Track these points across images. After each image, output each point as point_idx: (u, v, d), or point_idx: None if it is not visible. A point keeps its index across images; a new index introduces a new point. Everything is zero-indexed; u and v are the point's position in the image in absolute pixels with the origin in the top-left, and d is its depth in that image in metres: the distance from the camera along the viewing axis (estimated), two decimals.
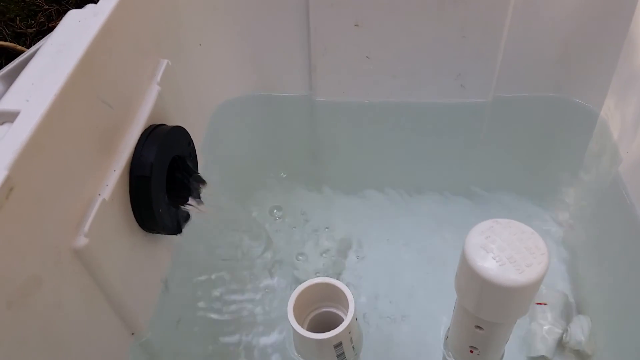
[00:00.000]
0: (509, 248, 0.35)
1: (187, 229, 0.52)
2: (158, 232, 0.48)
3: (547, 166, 0.74)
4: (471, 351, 0.43)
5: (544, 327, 0.65)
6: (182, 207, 0.50)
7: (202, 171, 0.56)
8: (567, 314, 0.67)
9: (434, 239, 0.73)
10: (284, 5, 0.65)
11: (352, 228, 0.74)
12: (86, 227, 0.38)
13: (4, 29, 1.01)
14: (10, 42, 0.98)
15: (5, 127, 0.35)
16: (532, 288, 0.34)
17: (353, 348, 0.45)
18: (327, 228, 0.72)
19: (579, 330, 0.64)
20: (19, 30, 1.02)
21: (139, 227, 0.47)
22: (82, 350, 0.39)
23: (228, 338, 0.59)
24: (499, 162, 0.76)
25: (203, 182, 0.52)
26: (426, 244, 0.73)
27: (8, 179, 0.31)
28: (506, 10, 0.62)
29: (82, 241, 0.38)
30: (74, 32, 0.41)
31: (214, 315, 0.58)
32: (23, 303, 0.32)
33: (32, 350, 0.33)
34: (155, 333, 0.51)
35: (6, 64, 0.93)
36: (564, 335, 0.64)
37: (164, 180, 0.47)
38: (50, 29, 1.03)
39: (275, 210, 0.71)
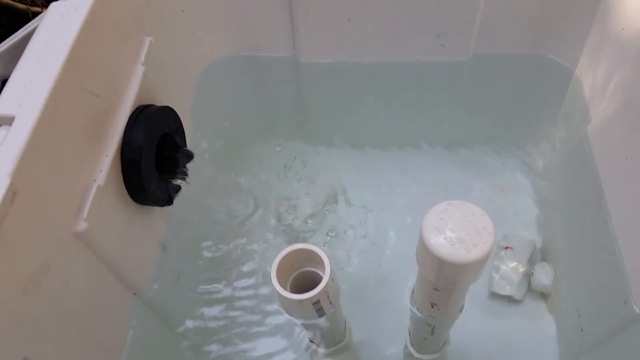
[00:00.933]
0: (459, 229, 0.39)
1: (179, 198, 0.57)
2: (151, 205, 0.53)
3: (524, 121, 0.77)
4: (432, 306, 0.48)
5: (510, 270, 0.71)
6: (172, 180, 0.54)
7: (191, 138, 0.60)
8: (533, 258, 0.73)
9: (414, 188, 0.79)
10: None
11: (339, 178, 0.79)
12: (85, 213, 0.43)
13: None
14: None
15: (2, 130, 0.39)
16: (478, 264, 0.39)
17: (330, 303, 0.51)
18: (313, 181, 0.77)
19: (543, 275, 0.71)
20: None
21: (134, 202, 0.51)
22: (91, 316, 0.46)
23: (228, 290, 0.66)
24: (479, 116, 0.79)
25: (191, 155, 0.56)
26: (408, 192, 0.78)
27: (11, 185, 0.35)
28: None
29: (82, 225, 0.43)
30: (58, 29, 0.44)
31: (209, 273, 0.65)
32: (36, 288, 0.38)
33: (48, 326, 0.39)
34: (155, 291, 0.57)
35: (8, 22, 0.94)
36: (531, 278, 0.71)
37: (153, 159, 0.51)
38: None
39: (262, 169, 0.76)
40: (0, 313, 0.34)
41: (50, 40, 0.43)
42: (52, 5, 0.46)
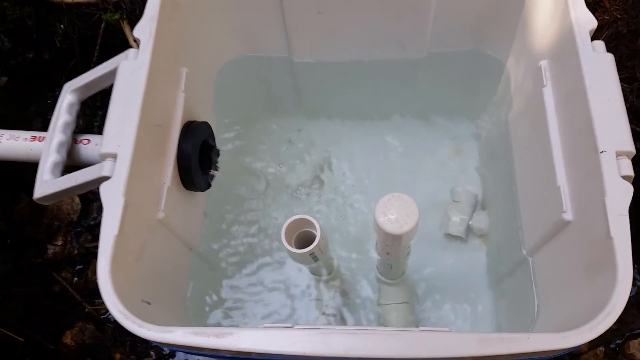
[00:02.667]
0: (396, 213, 0.63)
1: (213, 183, 0.81)
2: (197, 191, 0.77)
3: (472, 101, 0.98)
4: (387, 254, 0.74)
5: (458, 216, 0.96)
6: (208, 172, 0.78)
7: (216, 131, 0.82)
8: (475, 208, 0.98)
9: (388, 153, 1.02)
10: None
11: (330, 149, 1.03)
12: (162, 206, 0.67)
13: None
14: None
15: (109, 162, 0.62)
16: (408, 234, 0.63)
17: (321, 252, 0.76)
18: (309, 151, 1.01)
19: (481, 221, 0.96)
20: None
21: (186, 190, 0.75)
22: (169, 268, 0.71)
23: (250, 239, 0.92)
24: (438, 97, 1.00)
25: (219, 152, 0.79)
26: (384, 157, 1.02)
27: (125, 201, 0.59)
28: None
29: (161, 214, 0.67)
30: (130, 84, 0.65)
31: (240, 228, 0.91)
32: (140, 258, 0.63)
33: (147, 279, 0.65)
34: (203, 245, 0.83)
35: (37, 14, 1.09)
36: (471, 223, 0.96)
37: (197, 160, 0.74)
38: None
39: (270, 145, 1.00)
40: (125, 275, 0.59)
41: (126, 94, 0.65)
42: (122, 64, 0.67)
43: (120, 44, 1.17)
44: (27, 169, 0.89)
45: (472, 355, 0.49)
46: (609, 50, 0.65)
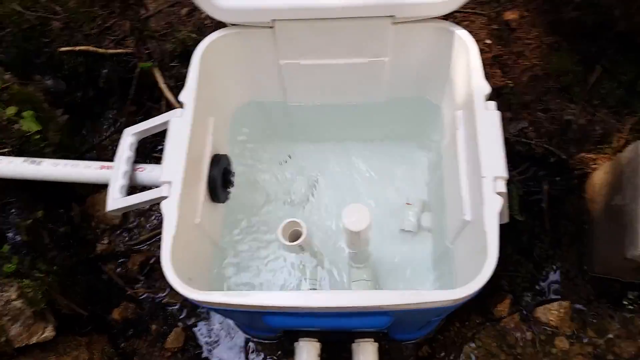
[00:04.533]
0: (355, 216, 0.96)
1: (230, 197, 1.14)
2: (219, 202, 1.10)
3: (423, 131, 1.31)
4: (352, 244, 1.06)
5: (411, 216, 1.29)
6: (227, 189, 1.11)
7: (231, 158, 1.15)
8: (423, 209, 1.31)
9: (359, 172, 1.35)
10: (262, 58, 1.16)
11: (317, 168, 1.36)
12: (198, 214, 1.00)
13: (77, 34, 1.49)
14: (86, 45, 1.47)
15: (166, 186, 0.94)
16: (364, 232, 0.96)
17: (308, 244, 1.09)
18: (300, 170, 1.34)
19: (428, 219, 1.29)
20: (86, 33, 1.49)
21: (213, 202, 1.08)
22: (202, 257, 1.04)
23: (262, 235, 1.26)
24: (397, 127, 1.33)
25: (234, 174, 1.12)
26: (355, 177, 1.35)
27: (179, 213, 0.92)
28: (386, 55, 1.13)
29: (197, 220, 1.00)
30: (179, 135, 0.97)
31: (252, 228, 1.24)
32: (186, 249, 0.96)
33: (190, 264, 0.97)
34: (224, 241, 1.16)
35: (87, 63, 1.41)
36: (420, 221, 1.29)
37: (221, 181, 1.07)
38: (109, 28, 1.50)
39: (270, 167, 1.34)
40: (178, 261, 0.91)
41: (177, 140, 0.97)
42: (173, 120, 0.99)
43: (151, 85, 1.50)
44: (75, 184, 1.19)
45: (395, 303, 0.81)
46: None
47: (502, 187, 0.90)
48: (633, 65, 1.30)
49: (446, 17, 1.04)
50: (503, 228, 0.88)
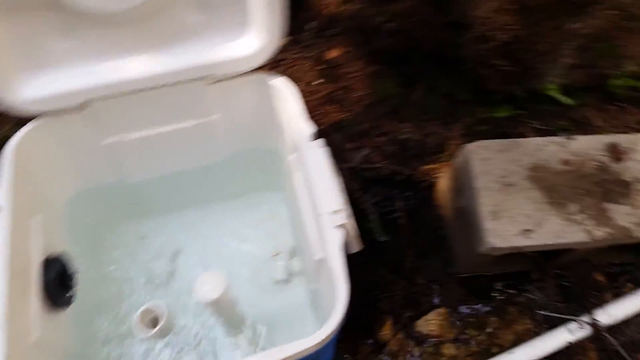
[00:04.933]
0: (207, 285, 0.92)
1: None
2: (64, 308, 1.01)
3: (274, 181, 1.32)
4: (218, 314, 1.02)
5: (280, 265, 1.28)
6: (68, 292, 1.02)
7: (73, 253, 1.06)
8: (292, 255, 1.30)
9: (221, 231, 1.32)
10: None
11: (175, 240, 1.30)
12: (35, 333, 0.90)
13: None
14: None
15: None
16: (222, 298, 0.92)
17: (168, 328, 1.02)
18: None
19: (297, 264, 1.28)
20: None
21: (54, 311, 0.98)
22: None
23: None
24: (251, 183, 1.33)
25: (74, 274, 1.04)
26: (218, 237, 1.31)
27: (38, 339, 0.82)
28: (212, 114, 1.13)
29: (35, 337, 0.90)
30: None
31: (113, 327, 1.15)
32: None
33: None
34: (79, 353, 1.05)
35: None
36: (291, 266, 1.28)
37: (57, 287, 0.98)
38: None
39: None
40: None
41: None
42: None
43: None
44: None
45: None
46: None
47: (342, 219, 0.92)
48: (448, 78, 1.43)
49: (275, 66, 1.07)
50: (367, 254, 0.89)
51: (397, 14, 1.32)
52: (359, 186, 1.41)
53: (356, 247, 1.03)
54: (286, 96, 1.05)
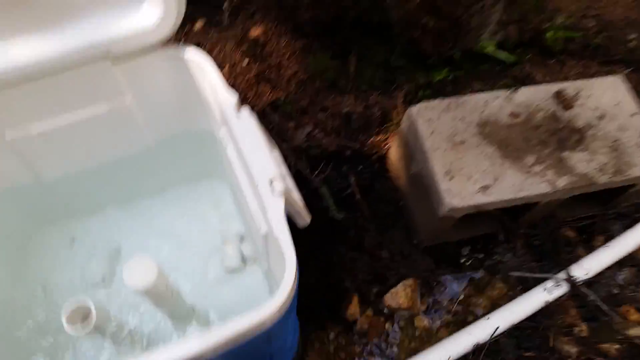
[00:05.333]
0: (137, 272, 0.81)
1: None
2: None
3: (215, 167, 1.21)
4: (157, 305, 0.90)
5: (230, 253, 1.16)
6: None
7: None
8: (242, 240, 1.19)
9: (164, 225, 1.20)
10: None
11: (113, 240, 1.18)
12: None
13: None
14: None
15: None
16: (158, 285, 0.81)
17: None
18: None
19: (249, 248, 1.17)
20: None
21: None
22: None
23: None
24: (189, 172, 1.21)
25: None
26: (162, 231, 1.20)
27: None
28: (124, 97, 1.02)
29: None
30: None
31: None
32: None
33: None
34: None
35: None
36: (243, 253, 1.17)
37: None
38: None
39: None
40: None
41: None
42: None
43: None
44: None
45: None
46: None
47: (280, 186, 0.83)
48: (380, 45, 1.37)
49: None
50: (325, 234, 0.81)
51: None
52: (307, 165, 1.32)
53: (305, 218, 0.94)
54: (202, 67, 0.96)
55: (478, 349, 1.10)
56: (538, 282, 1.21)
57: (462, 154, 1.18)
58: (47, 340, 1.04)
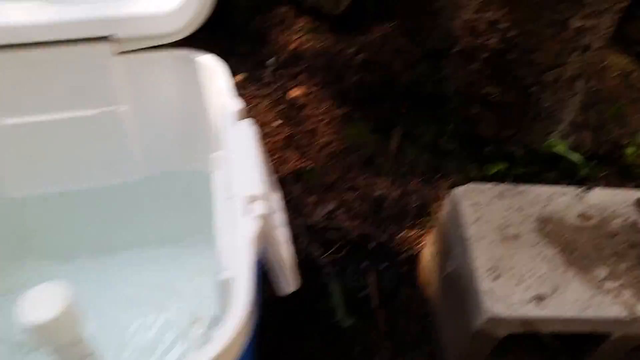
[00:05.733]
0: (41, 303, 0.57)
1: None
2: None
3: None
4: None
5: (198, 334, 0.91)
6: None
7: None
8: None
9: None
10: None
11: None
12: None
13: None
14: None
15: None
16: (65, 321, 0.56)
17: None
18: None
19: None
20: None
21: None
22: None
23: None
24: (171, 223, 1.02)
25: None
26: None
27: None
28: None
29: None
30: None
31: None
32: None
33: None
34: None
35: None
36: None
37: None
38: None
39: None
40: None
41: None
42: None
43: None
44: None
45: None
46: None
47: (262, 208, 0.62)
48: (430, 123, 1.20)
49: None
50: (325, 344, 0.61)
51: (368, 44, 1.14)
52: (320, 250, 1.10)
53: (290, 283, 0.70)
54: (214, 71, 0.82)
55: None
56: None
57: (514, 250, 0.93)
58: None
